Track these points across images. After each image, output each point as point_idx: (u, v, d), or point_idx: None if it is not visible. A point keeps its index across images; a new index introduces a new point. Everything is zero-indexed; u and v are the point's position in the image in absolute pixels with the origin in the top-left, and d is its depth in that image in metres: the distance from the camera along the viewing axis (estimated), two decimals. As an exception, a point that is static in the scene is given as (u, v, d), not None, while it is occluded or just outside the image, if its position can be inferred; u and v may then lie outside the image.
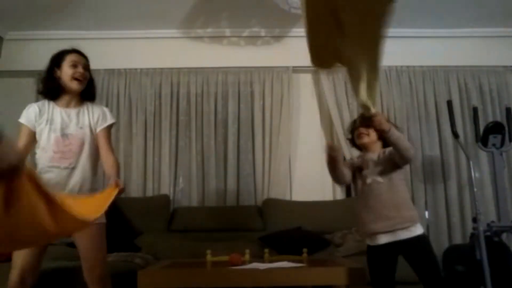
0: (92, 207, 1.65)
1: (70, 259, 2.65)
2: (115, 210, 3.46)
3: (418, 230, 1.93)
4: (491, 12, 3.90)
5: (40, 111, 2.01)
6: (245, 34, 4.21)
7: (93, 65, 2.15)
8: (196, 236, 3.49)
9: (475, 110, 3.57)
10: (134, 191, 3.87)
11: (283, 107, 4.05)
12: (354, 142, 2.23)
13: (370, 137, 2.13)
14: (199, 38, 4.21)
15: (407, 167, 3.97)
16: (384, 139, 2.03)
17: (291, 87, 4.12)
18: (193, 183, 3.92)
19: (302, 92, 4.25)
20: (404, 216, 1.93)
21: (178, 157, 3.99)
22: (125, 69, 4.12)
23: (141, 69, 4.14)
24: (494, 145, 3.62)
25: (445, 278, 2.11)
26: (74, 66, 2.01)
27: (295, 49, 4.20)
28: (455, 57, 4.21)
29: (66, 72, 2.00)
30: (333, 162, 2.09)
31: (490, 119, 3.98)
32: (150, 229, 3.51)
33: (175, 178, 3.98)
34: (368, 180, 2.02)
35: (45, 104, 2.04)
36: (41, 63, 2.14)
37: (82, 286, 1.97)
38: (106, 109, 2.15)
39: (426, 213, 3.90)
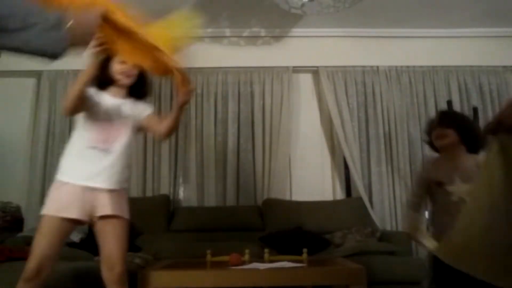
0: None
1: (70, 259, 2.65)
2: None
3: None
4: (491, 12, 3.90)
5: (95, 93, 2.05)
6: (245, 34, 4.21)
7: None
8: (196, 236, 3.49)
9: (475, 110, 3.57)
10: (134, 191, 3.87)
11: (283, 107, 4.05)
12: (432, 144, 2.00)
13: (449, 138, 1.89)
14: (199, 38, 4.20)
15: (407, 167, 3.98)
16: (468, 142, 1.85)
17: (291, 87, 4.12)
18: (193, 183, 3.92)
19: (302, 92, 4.25)
20: None
21: (178, 157, 3.99)
22: (125, 69, 4.11)
23: (141, 69, 4.13)
24: (494, 145, 3.62)
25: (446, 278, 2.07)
26: (123, 62, 2.04)
27: (295, 49, 4.22)
28: (455, 57, 4.21)
29: (115, 67, 2.05)
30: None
31: (490, 119, 3.98)
32: (150, 229, 3.52)
33: (175, 178, 3.98)
34: (454, 198, 1.83)
35: (97, 92, 2.07)
36: (41, 63, 2.14)
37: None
38: (147, 104, 2.19)
39: (426, 213, 3.90)
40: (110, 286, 1.91)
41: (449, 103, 3.97)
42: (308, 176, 4.06)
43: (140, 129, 2.16)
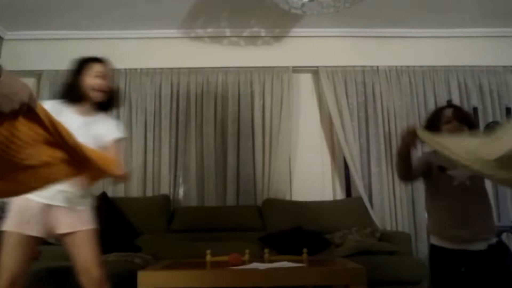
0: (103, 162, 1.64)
1: (70, 259, 2.65)
2: (115, 210, 3.47)
3: (493, 240, 1.85)
4: (491, 12, 3.90)
5: (53, 110, 1.99)
6: (245, 34, 4.21)
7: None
8: (196, 236, 3.49)
9: (475, 110, 3.57)
10: (134, 191, 3.87)
11: (283, 107, 4.05)
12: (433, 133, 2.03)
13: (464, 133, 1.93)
14: (199, 38, 4.21)
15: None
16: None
17: (291, 87, 4.12)
18: (193, 183, 3.92)
19: (302, 92, 4.25)
20: (487, 225, 1.86)
21: (178, 157, 3.99)
22: (125, 69, 4.12)
23: (141, 69, 4.14)
24: (494, 145, 3.62)
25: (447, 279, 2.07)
26: (98, 77, 2.01)
27: (295, 49, 4.22)
28: (455, 57, 4.21)
29: (89, 81, 2.00)
30: (406, 150, 1.84)
31: (490, 119, 3.98)
32: (150, 229, 3.52)
33: (175, 178, 3.98)
34: (455, 183, 1.88)
35: (59, 104, 2.01)
36: (41, 63, 2.15)
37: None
38: (119, 123, 2.16)
39: (426, 213, 3.90)
40: None
41: (449, 103, 3.97)
42: (308, 176, 4.06)
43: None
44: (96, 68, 2.04)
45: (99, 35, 4.08)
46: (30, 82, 4.10)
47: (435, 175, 1.95)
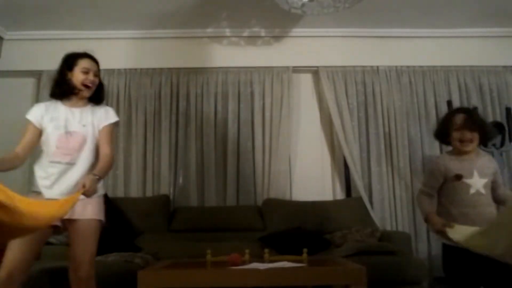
0: (51, 209, 1.66)
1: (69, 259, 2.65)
2: (115, 210, 3.47)
3: None
4: (491, 12, 3.90)
5: (46, 110, 2.07)
6: (245, 34, 4.21)
7: (93, 65, 2.16)
8: (196, 236, 3.49)
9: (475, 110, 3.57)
10: (134, 191, 3.87)
11: (283, 107, 4.05)
12: (444, 138, 2.14)
13: (474, 144, 2.04)
14: (199, 38, 4.21)
15: (407, 167, 3.98)
16: (483, 141, 2.03)
17: (291, 87, 4.12)
18: (193, 183, 3.92)
19: (302, 92, 4.25)
20: None
21: (177, 157, 3.99)
22: (125, 69, 4.12)
23: (141, 69, 4.14)
24: (494, 145, 3.63)
25: (446, 278, 2.09)
26: (86, 73, 2.07)
27: (295, 49, 4.22)
28: (455, 57, 4.21)
29: (77, 77, 2.07)
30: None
31: (490, 119, 3.99)
32: (150, 229, 3.52)
33: (175, 178, 3.97)
34: (472, 191, 1.99)
35: (52, 103, 2.11)
36: (41, 63, 2.16)
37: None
38: (109, 108, 2.20)
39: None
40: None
41: (449, 103, 3.97)
42: (308, 176, 4.06)
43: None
44: (84, 63, 2.09)
45: (99, 35, 4.08)
46: (30, 82, 4.10)
47: (450, 183, 2.03)
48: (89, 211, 2.00)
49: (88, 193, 1.84)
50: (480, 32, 4.22)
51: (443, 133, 2.12)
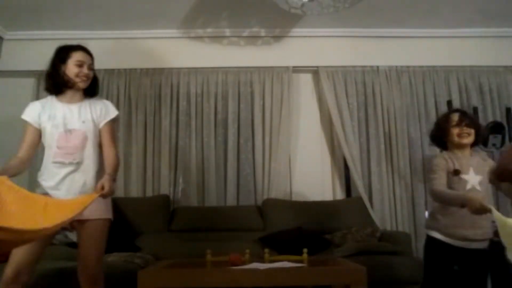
0: (64, 211, 1.66)
1: (70, 259, 2.65)
2: (115, 210, 3.47)
3: (495, 239, 1.98)
4: (491, 12, 3.90)
5: (43, 108, 2.03)
6: (245, 34, 4.21)
7: (93, 65, 2.15)
8: (196, 236, 3.49)
9: (475, 110, 3.58)
10: (134, 191, 3.87)
11: (283, 107, 4.05)
12: (441, 138, 2.18)
13: (471, 137, 2.11)
14: (199, 38, 4.21)
15: (407, 167, 3.98)
16: (476, 140, 2.11)
17: (291, 87, 4.12)
18: (193, 183, 3.92)
19: (302, 92, 4.25)
20: (493, 226, 1.97)
21: (178, 157, 3.99)
22: (125, 69, 4.12)
23: (141, 69, 4.13)
24: (494, 145, 3.63)
25: (443, 278, 2.10)
26: (80, 66, 2.02)
27: (295, 49, 4.22)
28: (455, 57, 4.21)
29: (71, 69, 2.02)
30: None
31: (490, 119, 3.98)
32: (150, 229, 3.52)
33: (175, 178, 3.97)
34: (468, 186, 2.04)
35: (48, 100, 2.07)
36: (41, 63, 2.15)
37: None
38: (108, 102, 2.17)
39: (426, 213, 3.90)
40: (83, 286, 1.93)
41: (449, 103, 3.97)
42: (308, 176, 4.06)
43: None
44: (77, 56, 2.04)
45: (99, 35, 4.07)
46: (30, 82, 4.10)
47: (448, 178, 2.07)
48: (98, 210, 1.99)
49: (106, 195, 1.84)
50: (480, 32, 4.21)
51: (440, 132, 2.18)
